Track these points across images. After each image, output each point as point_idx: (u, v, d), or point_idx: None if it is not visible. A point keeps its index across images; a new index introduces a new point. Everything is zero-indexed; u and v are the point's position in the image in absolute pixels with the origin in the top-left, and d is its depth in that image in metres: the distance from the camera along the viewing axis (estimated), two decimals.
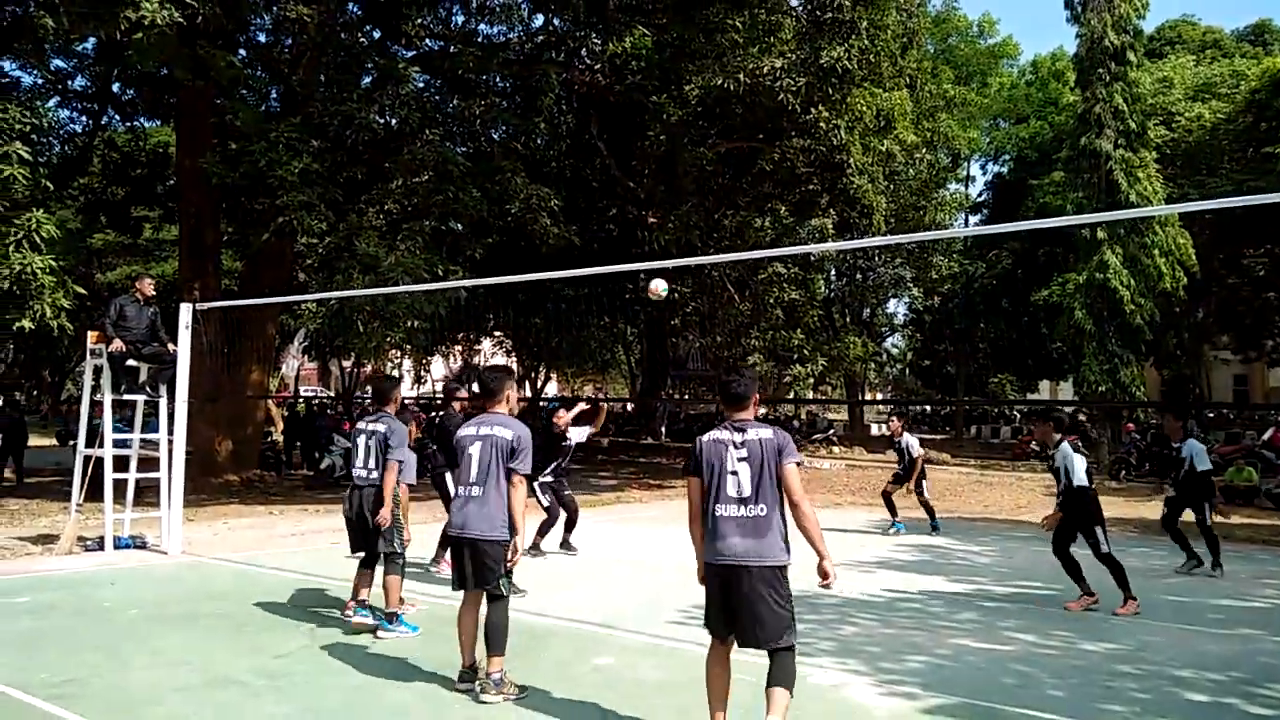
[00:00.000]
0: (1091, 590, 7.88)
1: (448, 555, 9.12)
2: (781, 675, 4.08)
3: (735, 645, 4.23)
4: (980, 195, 41.86)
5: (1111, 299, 22.73)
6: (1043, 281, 29.70)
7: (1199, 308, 29.44)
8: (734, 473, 4.18)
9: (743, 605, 4.08)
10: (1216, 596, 8.67)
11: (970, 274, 35.50)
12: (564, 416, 9.84)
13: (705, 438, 4.32)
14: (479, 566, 5.11)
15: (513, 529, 5.16)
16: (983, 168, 43.28)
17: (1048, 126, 35.38)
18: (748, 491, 4.14)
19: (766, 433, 4.23)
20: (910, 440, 12.71)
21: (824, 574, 4.18)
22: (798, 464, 4.25)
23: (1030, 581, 9.17)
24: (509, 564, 5.15)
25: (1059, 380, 40.42)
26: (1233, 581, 9.54)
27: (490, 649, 5.05)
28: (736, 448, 4.21)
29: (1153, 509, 16.09)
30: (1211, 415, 26.70)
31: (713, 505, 4.19)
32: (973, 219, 39.17)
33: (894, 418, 13.63)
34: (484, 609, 5.20)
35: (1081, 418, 31.19)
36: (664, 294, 9.50)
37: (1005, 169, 39.63)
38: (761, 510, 4.12)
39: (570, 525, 10.12)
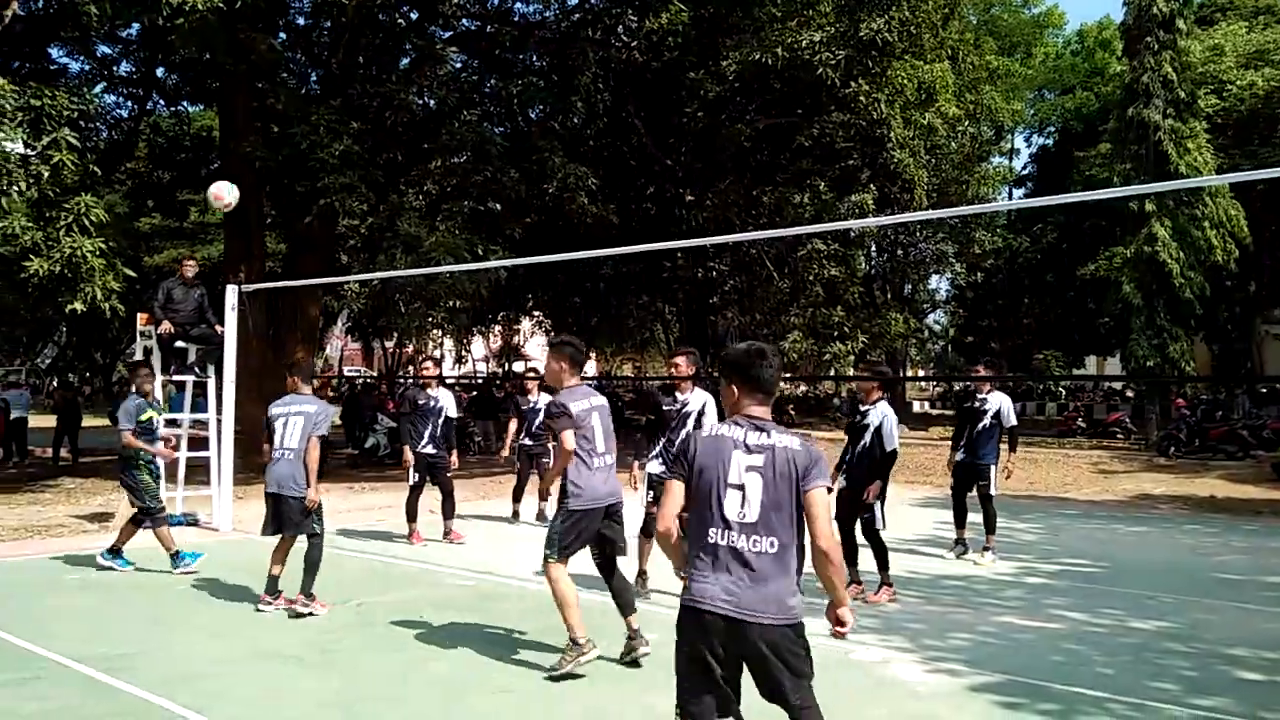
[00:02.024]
0: (860, 580, 7.01)
1: (418, 528, 9.31)
2: None
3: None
4: (1024, 168, 41.14)
5: (1160, 272, 22.27)
6: (1089, 255, 29.15)
7: (1251, 281, 28.74)
8: (738, 486, 3.08)
9: (748, 663, 3.09)
10: (1270, 574, 8.51)
11: (1014, 249, 34.93)
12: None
13: (703, 431, 3.30)
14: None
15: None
16: (1027, 140, 42.51)
17: (1094, 97, 34.62)
18: (754, 515, 3.06)
19: (793, 442, 3.14)
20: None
21: (840, 621, 3.19)
22: (829, 490, 3.18)
23: (1078, 559, 9.06)
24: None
25: (1106, 356, 39.75)
26: None
27: None
28: (748, 451, 3.11)
29: (1202, 486, 15.84)
30: (1264, 390, 26.10)
31: (705, 528, 3.11)
32: (1017, 192, 38.53)
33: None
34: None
35: (1130, 393, 30.69)
36: (229, 201, 9.58)
37: (1050, 141, 38.86)
38: (772, 546, 3.05)
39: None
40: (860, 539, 7.02)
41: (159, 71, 19.60)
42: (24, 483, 14.11)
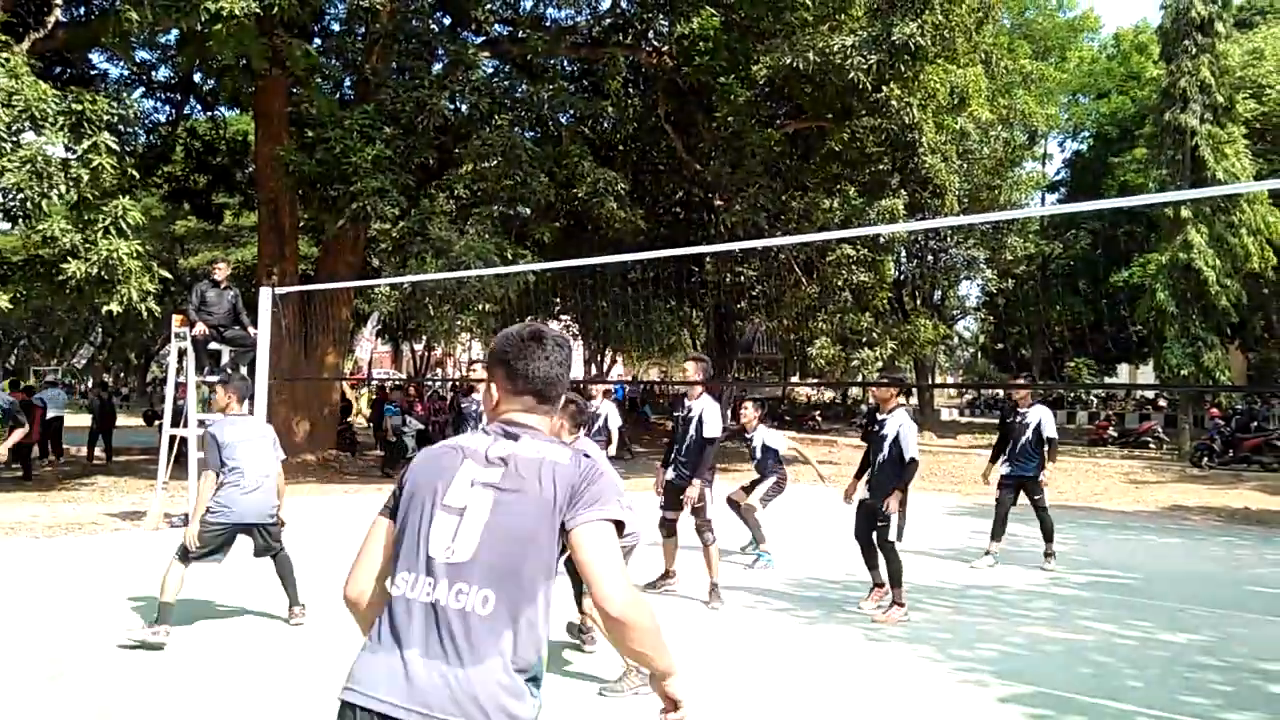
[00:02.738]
0: (883, 582, 6.89)
1: None
2: None
3: None
4: (1058, 173, 40.74)
5: (1196, 280, 21.98)
6: (1123, 262, 28.85)
7: None
8: (457, 509, 2.01)
9: None
10: None
11: (1046, 255, 34.63)
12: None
13: (435, 447, 2.21)
14: None
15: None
16: (1061, 145, 42.30)
17: (1130, 101, 34.23)
18: (466, 551, 1.96)
19: (559, 454, 2.08)
20: (771, 436, 9.12)
21: (673, 703, 2.06)
22: (614, 523, 2.03)
23: (1108, 570, 8.96)
24: None
25: (1139, 364, 39.29)
26: None
27: None
28: (486, 463, 2.06)
29: (1236, 497, 15.61)
30: None
31: (394, 575, 2.04)
32: (1050, 198, 38.14)
33: (748, 404, 9.52)
34: None
35: (1162, 402, 30.31)
36: None
37: (1084, 146, 38.46)
38: (485, 603, 1.93)
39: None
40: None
41: (196, 76, 19.92)
42: (59, 481, 14.36)
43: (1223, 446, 20.57)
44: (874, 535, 6.78)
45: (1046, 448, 8.84)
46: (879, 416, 6.96)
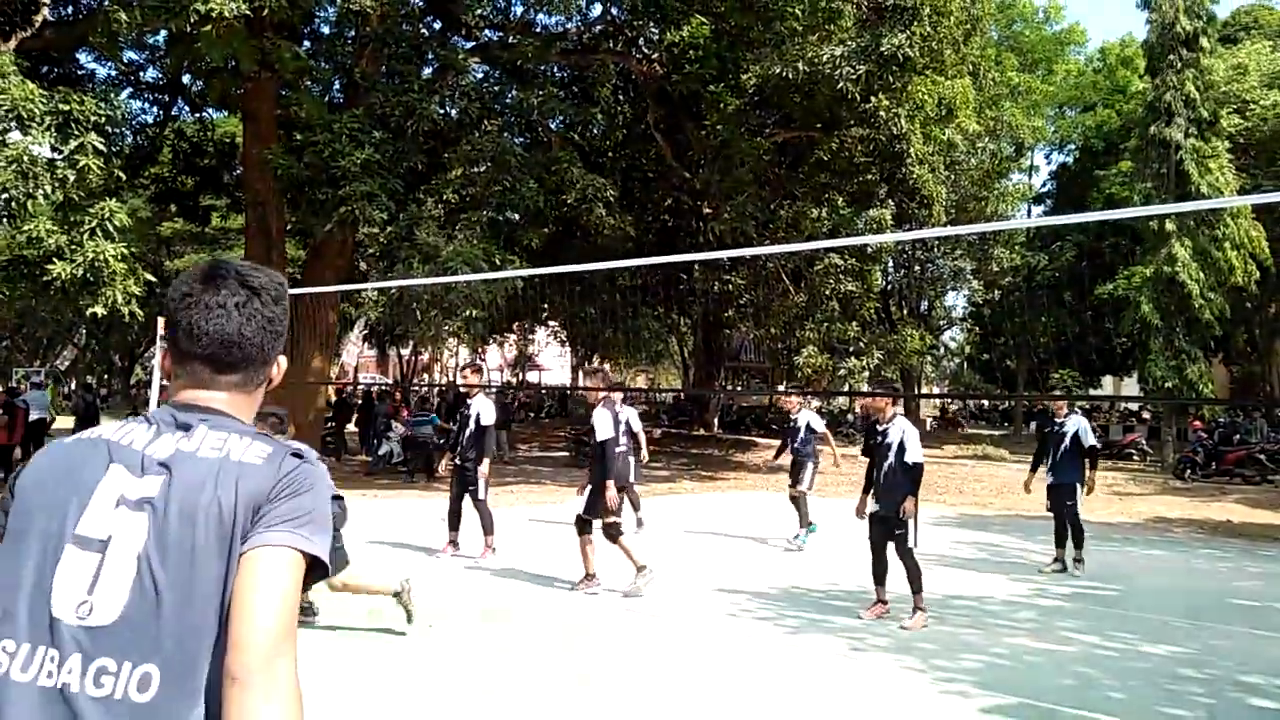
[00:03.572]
0: (886, 599, 7.03)
1: (492, 541, 9.13)
2: None
3: None
4: (1044, 186, 41.05)
5: (1180, 293, 22.15)
6: (1108, 275, 29.05)
7: (1271, 302, 28.55)
8: (96, 542, 1.32)
9: None
10: None
11: (1032, 266, 34.85)
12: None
13: (68, 440, 1.48)
14: None
15: None
16: (1047, 157, 42.37)
17: (1115, 115, 34.52)
18: (110, 610, 1.28)
19: (251, 453, 1.41)
20: (811, 417, 10.53)
21: None
22: (308, 557, 1.35)
23: (1091, 581, 9.00)
24: None
25: (1123, 376, 39.53)
26: None
27: None
28: (141, 472, 1.37)
29: (1218, 510, 15.71)
30: None
31: None
32: (1036, 210, 38.42)
33: (792, 395, 11.38)
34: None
35: (1146, 415, 30.51)
36: None
37: (1070, 159, 38.76)
38: (143, 688, 1.26)
39: None
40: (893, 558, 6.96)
41: (185, 78, 19.85)
42: None
43: (1205, 459, 20.70)
44: (893, 545, 6.83)
45: (1087, 457, 9.16)
46: (879, 427, 7.04)
